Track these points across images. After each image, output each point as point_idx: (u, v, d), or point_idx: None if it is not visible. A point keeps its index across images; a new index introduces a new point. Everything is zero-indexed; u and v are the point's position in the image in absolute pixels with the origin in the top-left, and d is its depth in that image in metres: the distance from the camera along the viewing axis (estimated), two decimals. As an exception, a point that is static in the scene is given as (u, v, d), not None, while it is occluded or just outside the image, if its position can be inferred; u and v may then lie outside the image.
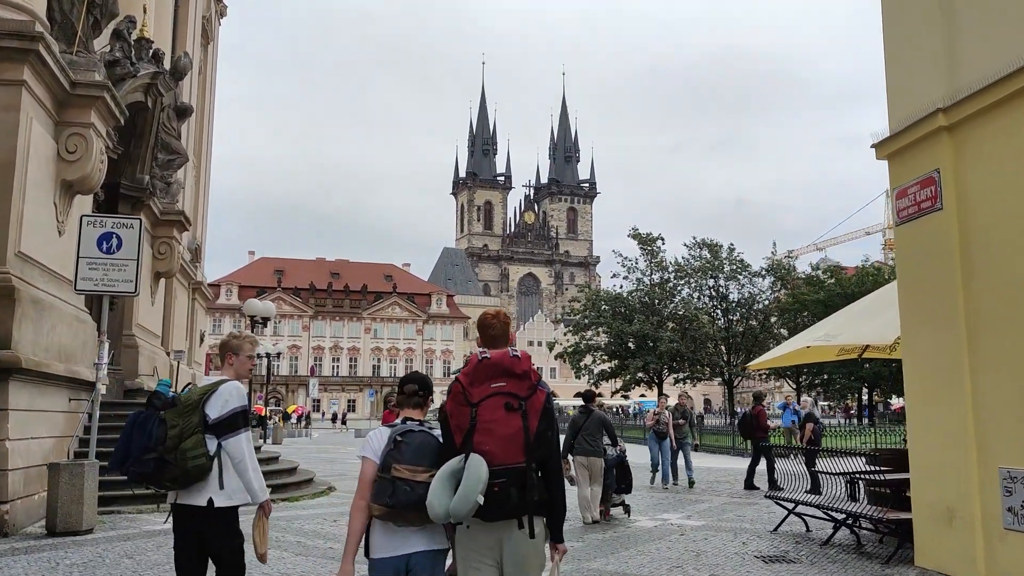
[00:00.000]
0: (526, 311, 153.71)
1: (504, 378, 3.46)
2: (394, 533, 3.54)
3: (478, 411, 3.40)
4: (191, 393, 4.55)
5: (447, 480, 3.32)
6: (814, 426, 14.73)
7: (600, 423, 11.25)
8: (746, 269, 46.77)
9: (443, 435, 3.58)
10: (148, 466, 4.36)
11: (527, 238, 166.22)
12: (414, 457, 3.51)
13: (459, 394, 3.49)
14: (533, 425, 3.41)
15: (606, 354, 46.64)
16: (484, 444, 3.34)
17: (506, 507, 3.34)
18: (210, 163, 29.84)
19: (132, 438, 4.40)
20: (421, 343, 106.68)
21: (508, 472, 3.32)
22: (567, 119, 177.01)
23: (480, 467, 3.26)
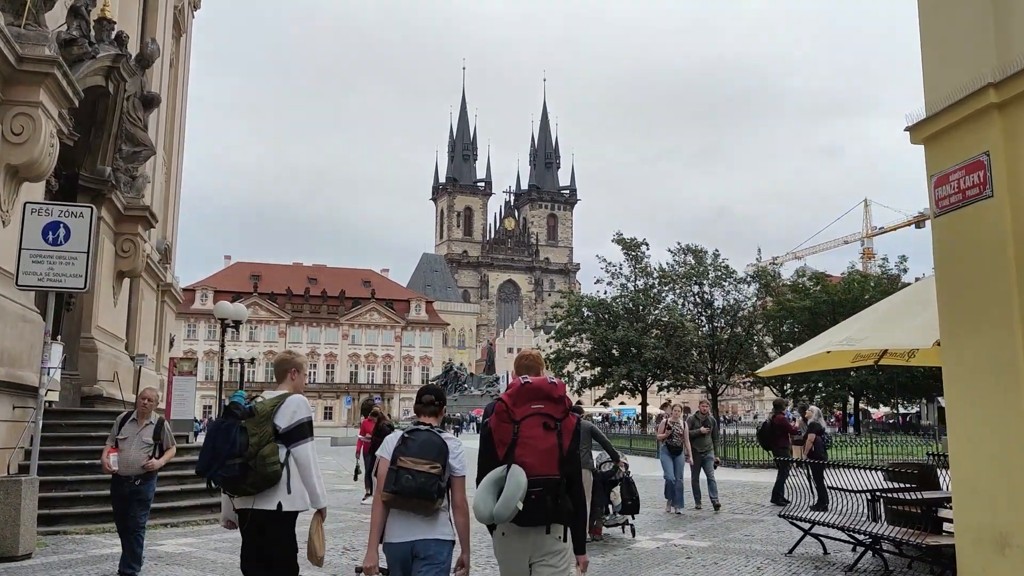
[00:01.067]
0: (505, 318, 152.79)
1: (543, 401, 4.04)
2: (403, 522, 4.10)
3: (520, 428, 3.97)
4: (264, 404, 4.86)
5: (491, 487, 3.87)
6: (817, 437, 13.84)
7: (589, 433, 10.18)
8: (731, 276, 46.11)
9: (484, 447, 4.14)
10: (234, 470, 4.66)
11: (507, 244, 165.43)
12: (418, 451, 4.08)
13: (503, 412, 4.03)
14: (566, 443, 3.99)
15: (589, 361, 45.79)
16: (524, 456, 3.90)
17: (541, 513, 3.87)
18: (182, 161, 28.70)
19: (218, 444, 4.71)
20: (400, 350, 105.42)
21: (544, 482, 3.86)
22: (548, 125, 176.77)
23: (520, 476, 3.82)
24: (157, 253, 23.32)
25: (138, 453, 7.65)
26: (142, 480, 7.69)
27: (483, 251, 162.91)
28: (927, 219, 39.96)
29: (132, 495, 7.68)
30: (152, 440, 7.76)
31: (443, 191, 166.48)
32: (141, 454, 7.66)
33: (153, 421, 7.88)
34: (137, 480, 7.65)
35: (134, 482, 7.65)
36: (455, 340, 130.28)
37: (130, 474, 7.63)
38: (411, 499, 4.03)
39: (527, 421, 3.99)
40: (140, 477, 7.67)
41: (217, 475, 4.72)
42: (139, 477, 7.66)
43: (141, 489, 7.72)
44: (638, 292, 45.31)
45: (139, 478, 7.66)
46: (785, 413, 14.96)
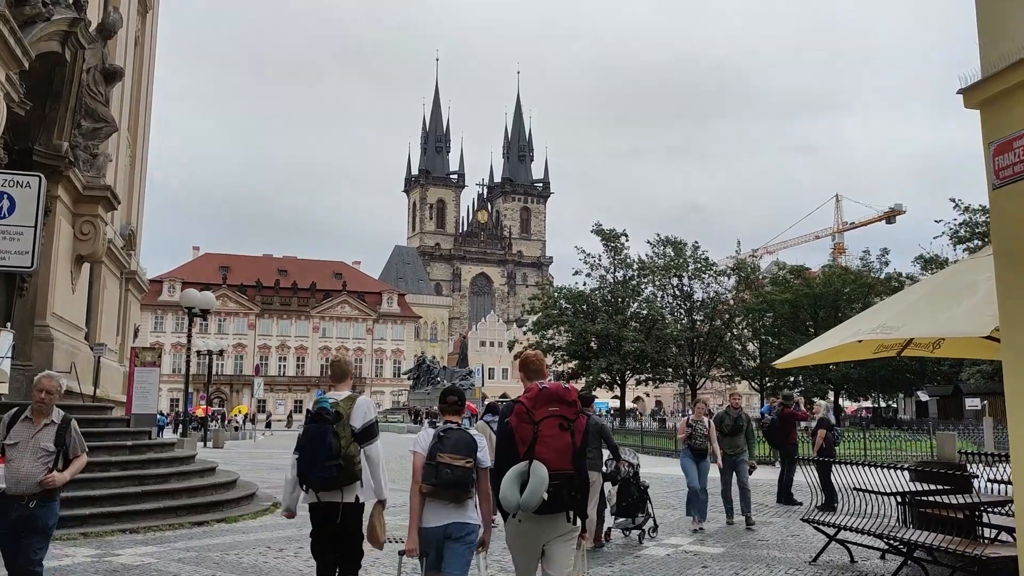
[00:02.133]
0: (478, 311, 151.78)
1: (558, 404, 4.57)
2: (438, 508, 4.79)
3: (539, 428, 4.50)
4: (341, 408, 5.31)
5: (515, 480, 4.42)
6: (827, 432, 13.07)
7: (598, 431, 9.33)
8: (710, 268, 45.56)
9: (503, 444, 4.66)
10: (332, 471, 5.19)
11: (480, 237, 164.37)
12: (454, 447, 4.78)
13: (524, 414, 4.56)
14: (578, 441, 4.59)
15: (567, 354, 45.04)
16: (543, 453, 4.44)
17: (559, 502, 4.45)
18: (148, 144, 27.42)
19: (317, 449, 5.17)
20: (371, 342, 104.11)
21: (561, 476, 4.44)
22: (521, 118, 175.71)
23: (543, 471, 4.37)
24: (121, 239, 22.13)
25: (33, 464, 5.55)
26: (39, 501, 5.56)
27: (456, 244, 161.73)
28: (898, 214, 39.24)
29: (23, 523, 5.53)
30: (54, 446, 5.66)
31: (416, 183, 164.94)
32: (37, 465, 5.56)
33: (56, 420, 5.78)
34: (32, 501, 5.53)
35: (27, 504, 5.51)
36: (427, 333, 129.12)
37: (22, 492, 5.50)
38: (450, 490, 4.74)
39: (545, 422, 4.51)
40: (36, 497, 5.55)
41: (318, 477, 5.22)
42: (34, 497, 5.54)
43: (37, 514, 5.56)
44: (617, 284, 44.60)
45: (34, 498, 5.54)
46: (792, 407, 14.07)
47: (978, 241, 39.54)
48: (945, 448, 21.18)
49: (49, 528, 5.73)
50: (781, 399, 14.23)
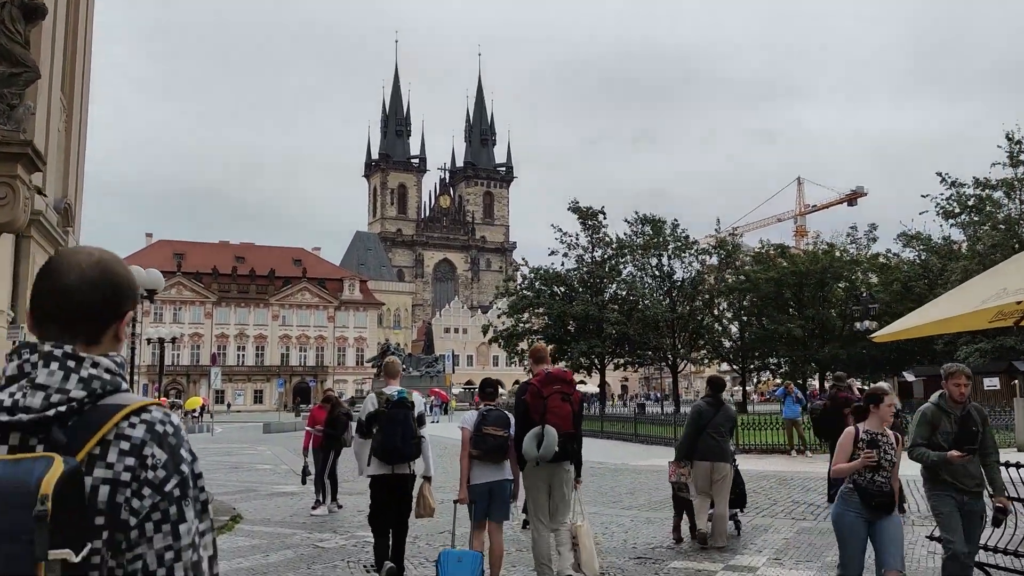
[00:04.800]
0: (442, 297, 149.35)
1: (560, 383, 6.52)
2: (483, 469, 6.57)
3: (547, 402, 6.35)
4: (408, 398, 7.09)
5: (533, 439, 6.23)
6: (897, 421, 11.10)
7: (732, 420, 9.22)
8: (691, 247, 43.77)
9: (521, 414, 6.51)
10: (412, 448, 6.95)
11: (442, 223, 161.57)
12: (495, 422, 6.64)
13: (536, 392, 6.44)
14: (576, 410, 6.56)
15: (545, 337, 43.00)
16: (552, 419, 6.29)
17: (564, 454, 6.35)
18: (87, 109, 24.66)
19: (405, 429, 6.90)
20: (333, 330, 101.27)
21: (565, 435, 6.32)
22: (483, 101, 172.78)
23: (553, 433, 6.22)
24: (55, 213, 19.58)
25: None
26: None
27: (418, 229, 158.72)
28: (859, 196, 37.50)
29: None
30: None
31: (376, 168, 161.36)
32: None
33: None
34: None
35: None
36: (390, 320, 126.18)
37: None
38: (493, 454, 6.56)
39: (552, 397, 6.39)
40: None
41: (401, 452, 6.92)
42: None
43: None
44: (595, 264, 42.61)
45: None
46: (845, 389, 11.96)
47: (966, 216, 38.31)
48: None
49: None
50: (833, 380, 12.16)
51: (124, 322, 1.55)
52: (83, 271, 1.49)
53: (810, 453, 19.23)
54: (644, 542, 9.31)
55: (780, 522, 10.33)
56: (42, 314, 1.49)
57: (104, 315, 1.51)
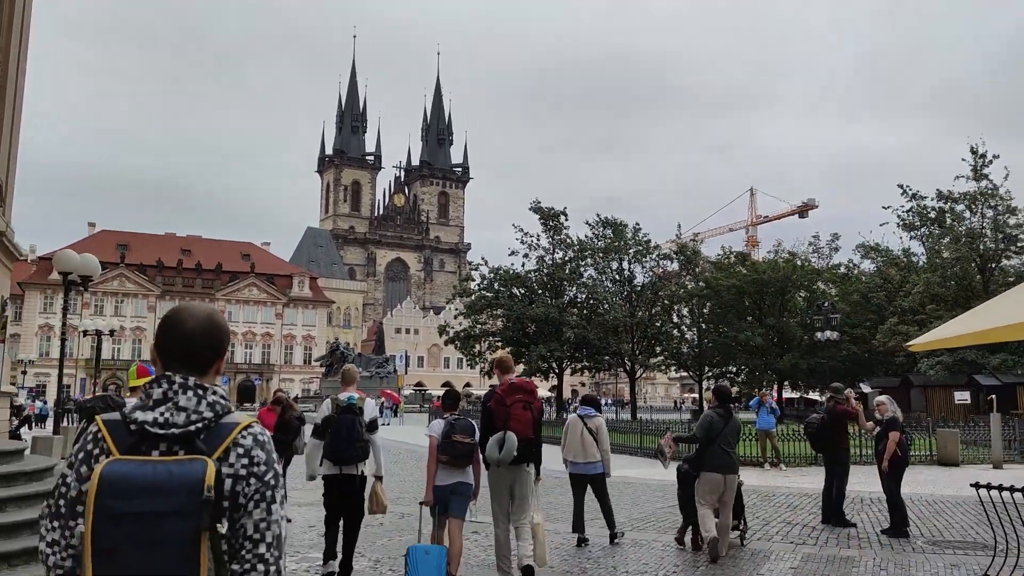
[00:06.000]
0: (394, 297, 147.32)
1: (523, 392, 7.18)
2: (447, 472, 7.02)
3: (511, 409, 7.03)
4: (359, 403, 7.43)
5: (496, 443, 6.92)
6: (901, 436, 10.31)
7: (739, 431, 9.31)
8: (652, 251, 43.12)
9: (486, 420, 7.27)
10: (357, 451, 7.31)
11: (396, 221, 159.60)
12: (462, 430, 7.03)
13: (500, 400, 7.11)
14: (536, 418, 7.29)
15: (503, 340, 41.91)
16: (514, 425, 6.97)
17: (524, 457, 7.10)
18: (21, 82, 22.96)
19: (352, 433, 7.27)
20: (280, 328, 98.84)
21: (525, 440, 7.04)
22: (441, 101, 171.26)
23: (513, 438, 6.90)
24: (-17, 190, 18.00)
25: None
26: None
27: (371, 227, 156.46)
28: (810, 209, 37.33)
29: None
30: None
31: (330, 164, 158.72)
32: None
33: None
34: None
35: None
36: (340, 318, 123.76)
37: None
38: (460, 460, 6.99)
39: (515, 405, 7.05)
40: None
41: (352, 454, 7.30)
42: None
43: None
44: (556, 266, 41.69)
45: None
46: (843, 402, 11.11)
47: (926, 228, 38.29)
48: (948, 446, 19.08)
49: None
50: (830, 392, 11.32)
51: (223, 359, 2.13)
52: (199, 322, 2.08)
53: (784, 466, 18.50)
54: (637, 569, 8.33)
55: (780, 547, 9.44)
56: (169, 354, 2.05)
57: (214, 355, 2.10)
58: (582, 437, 9.35)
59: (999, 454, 18.82)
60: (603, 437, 9.45)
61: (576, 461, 9.39)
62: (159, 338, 2.06)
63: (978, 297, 33.66)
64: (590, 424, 9.43)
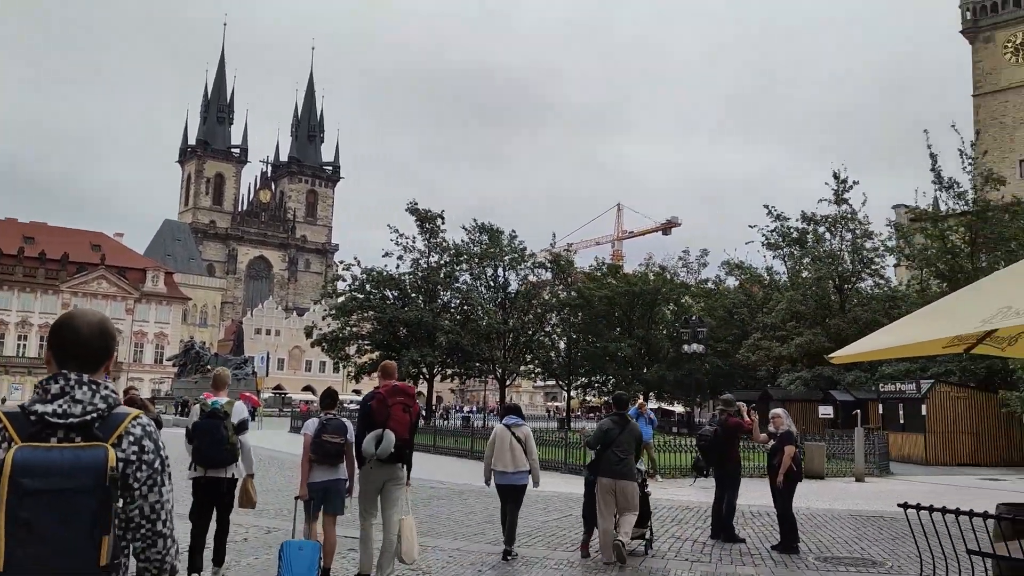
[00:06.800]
0: (255, 296, 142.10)
1: (403, 396, 7.44)
2: (321, 470, 7.38)
3: (391, 410, 7.24)
4: (227, 408, 7.46)
5: (373, 439, 7.07)
6: (796, 451, 10.19)
7: (637, 439, 9.18)
8: (527, 260, 43.00)
9: (364, 419, 7.37)
10: (223, 453, 7.33)
11: (261, 218, 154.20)
12: (334, 430, 7.39)
13: (382, 401, 7.29)
14: (414, 420, 7.55)
15: (373, 343, 40.63)
16: (392, 425, 7.17)
17: (399, 456, 7.29)
18: None
19: (213, 436, 7.32)
20: (131, 324, 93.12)
21: (402, 440, 7.24)
22: (313, 97, 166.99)
23: (391, 437, 7.10)
24: None
25: None
26: None
27: (234, 223, 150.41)
28: (674, 226, 38.48)
29: None
30: None
31: (192, 154, 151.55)
32: None
33: None
34: None
35: None
36: (196, 316, 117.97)
37: None
38: (329, 458, 7.37)
39: (395, 407, 7.27)
40: None
41: (212, 457, 7.32)
42: None
43: None
44: (431, 270, 40.85)
45: None
46: (734, 414, 10.94)
47: (788, 248, 39.85)
48: (814, 460, 19.52)
49: None
50: (722, 404, 11.11)
51: (112, 360, 2.42)
52: (93, 329, 2.35)
53: (660, 477, 18.43)
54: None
55: (675, 564, 9.07)
56: (64, 354, 2.31)
57: (105, 356, 2.39)
58: (511, 447, 9.10)
59: (862, 468, 19.43)
60: (531, 446, 9.30)
61: (506, 471, 9.10)
62: (53, 341, 2.34)
63: (835, 315, 35.34)
64: (518, 433, 9.20)
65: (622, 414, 9.18)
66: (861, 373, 32.77)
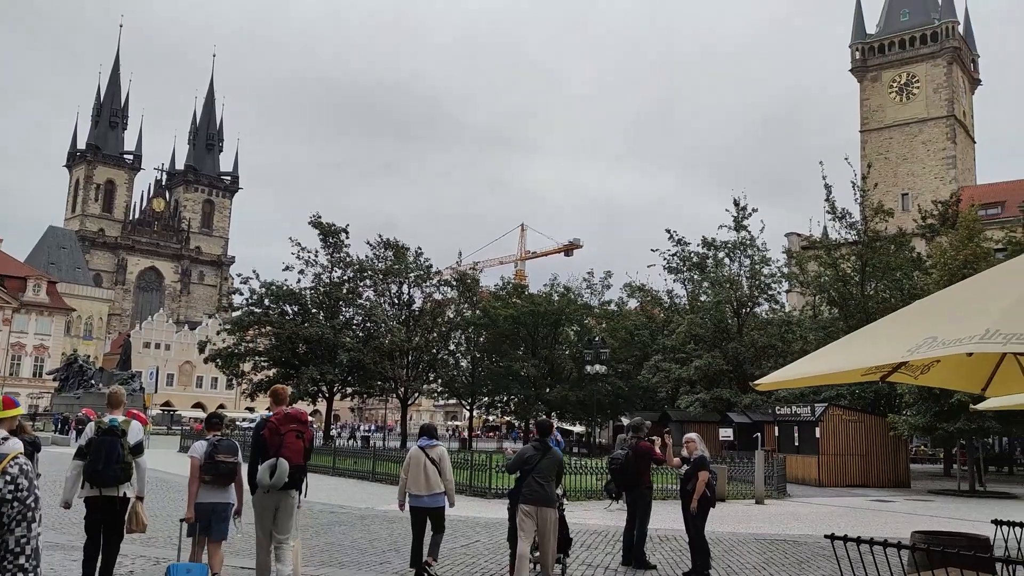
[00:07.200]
0: (144, 309, 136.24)
1: (296, 423, 7.57)
2: (209, 491, 7.47)
3: (284, 438, 7.39)
4: (124, 427, 7.39)
5: (267, 468, 7.21)
6: (710, 476, 10.13)
7: (558, 465, 9.00)
8: (433, 277, 42.51)
9: (258, 447, 7.47)
10: (117, 472, 7.23)
11: (154, 227, 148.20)
12: (226, 450, 7.56)
13: (274, 429, 7.42)
14: (308, 446, 7.71)
15: (270, 359, 39.28)
16: (286, 453, 7.32)
17: (293, 484, 7.40)
18: None
19: (109, 454, 7.19)
20: (8, 335, 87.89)
21: (296, 468, 7.38)
22: (213, 105, 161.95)
23: (285, 466, 7.23)
24: None
25: None
26: None
27: (124, 231, 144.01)
28: (575, 248, 39.28)
29: None
30: None
31: (82, 159, 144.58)
32: None
33: None
34: None
35: None
36: (81, 328, 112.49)
37: None
38: (223, 478, 7.50)
39: (288, 434, 7.41)
40: None
41: (106, 475, 7.17)
42: None
43: None
44: (334, 285, 39.85)
45: None
46: (645, 438, 10.82)
47: (689, 272, 40.71)
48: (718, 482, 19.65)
49: None
50: (631, 429, 10.98)
51: None
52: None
53: (567, 500, 18.22)
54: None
55: None
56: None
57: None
58: (425, 469, 8.96)
59: (762, 490, 19.73)
60: (446, 467, 9.19)
61: (420, 494, 8.99)
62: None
63: (733, 339, 36.20)
64: (432, 454, 9.06)
65: (543, 440, 8.98)
66: (757, 396, 33.60)
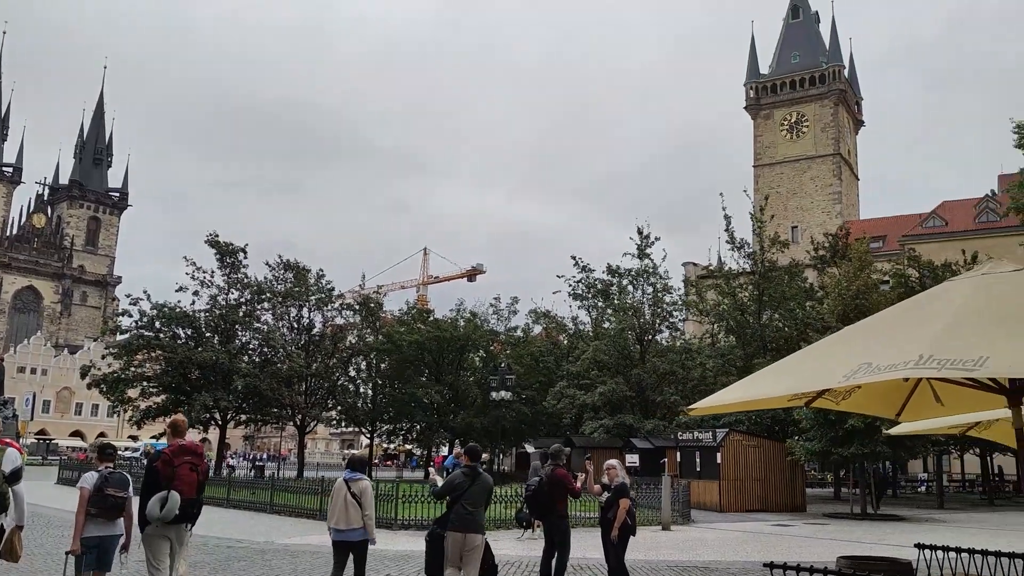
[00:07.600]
0: (20, 331, 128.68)
1: (191, 455, 7.61)
2: (98, 524, 7.34)
3: (177, 470, 7.41)
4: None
5: (158, 501, 7.27)
6: (631, 504, 9.91)
7: (489, 491, 8.94)
8: (335, 300, 41.54)
9: (150, 480, 7.48)
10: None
11: (33, 244, 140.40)
12: (117, 484, 7.43)
13: (167, 461, 7.45)
14: (202, 480, 7.75)
15: (160, 385, 37.43)
16: (179, 486, 7.36)
17: (185, 517, 7.49)
18: None
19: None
20: None
21: (189, 501, 7.45)
22: (103, 118, 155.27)
23: (176, 498, 7.29)
24: None
25: None
26: None
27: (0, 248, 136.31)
28: (478, 273, 39.99)
29: None
30: None
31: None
32: None
33: None
34: None
35: None
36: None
37: None
38: (111, 512, 7.37)
39: (182, 467, 7.44)
40: None
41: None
42: None
43: None
44: (230, 307, 38.41)
45: None
46: (563, 465, 10.52)
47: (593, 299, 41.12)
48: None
49: None
50: (550, 456, 10.72)
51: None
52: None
53: None
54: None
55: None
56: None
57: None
58: (345, 502, 8.74)
59: (668, 516, 19.82)
60: (367, 501, 8.94)
61: (339, 528, 8.75)
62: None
63: (635, 365, 36.67)
64: (354, 488, 8.82)
65: (473, 467, 8.93)
66: (659, 422, 34.01)
